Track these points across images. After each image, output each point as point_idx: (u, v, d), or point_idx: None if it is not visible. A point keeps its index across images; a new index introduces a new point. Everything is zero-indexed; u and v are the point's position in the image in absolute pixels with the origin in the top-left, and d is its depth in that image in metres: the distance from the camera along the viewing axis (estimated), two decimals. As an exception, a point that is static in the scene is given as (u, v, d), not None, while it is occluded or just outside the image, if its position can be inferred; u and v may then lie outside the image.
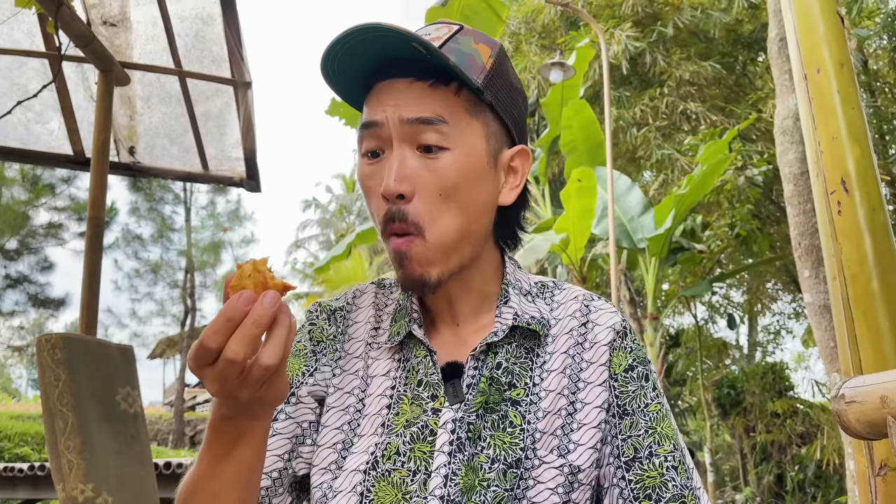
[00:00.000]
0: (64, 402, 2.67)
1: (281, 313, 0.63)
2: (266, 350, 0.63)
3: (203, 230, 15.16)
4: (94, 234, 3.03)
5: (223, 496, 0.78)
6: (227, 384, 0.65)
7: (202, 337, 0.63)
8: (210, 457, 0.76)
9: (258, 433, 0.75)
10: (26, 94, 3.31)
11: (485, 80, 0.80)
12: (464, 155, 0.80)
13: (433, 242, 0.80)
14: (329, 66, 0.81)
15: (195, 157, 3.68)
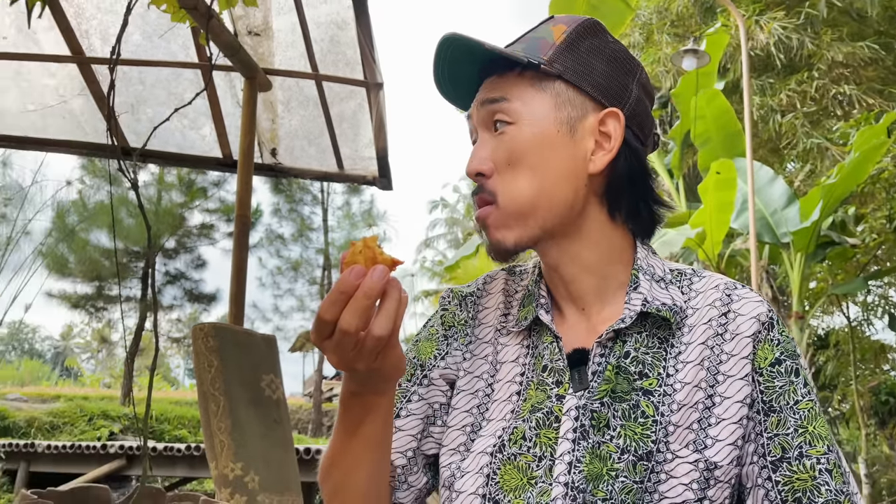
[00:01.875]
0: (216, 387, 2.89)
1: (390, 287, 0.66)
2: (377, 321, 0.66)
3: (339, 229, 15.84)
4: (240, 231, 3.25)
5: (355, 470, 0.82)
6: (344, 355, 0.68)
7: (319, 310, 0.67)
8: (342, 432, 0.80)
9: (382, 408, 0.78)
10: (182, 102, 3.60)
11: (553, 54, 0.85)
12: (528, 125, 0.83)
13: (505, 207, 0.83)
14: (441, 84, 0.90)
15: (331, 157, 3.86)
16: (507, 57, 0.85)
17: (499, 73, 0.86)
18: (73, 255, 11.58)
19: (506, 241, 0.85)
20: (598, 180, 0.86)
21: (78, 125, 3.58)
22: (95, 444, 6.04)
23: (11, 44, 3.25)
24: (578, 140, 0.85)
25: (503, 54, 0.84)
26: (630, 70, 0.89)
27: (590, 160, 0.85)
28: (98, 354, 33.64)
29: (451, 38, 0.84)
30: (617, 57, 0.88)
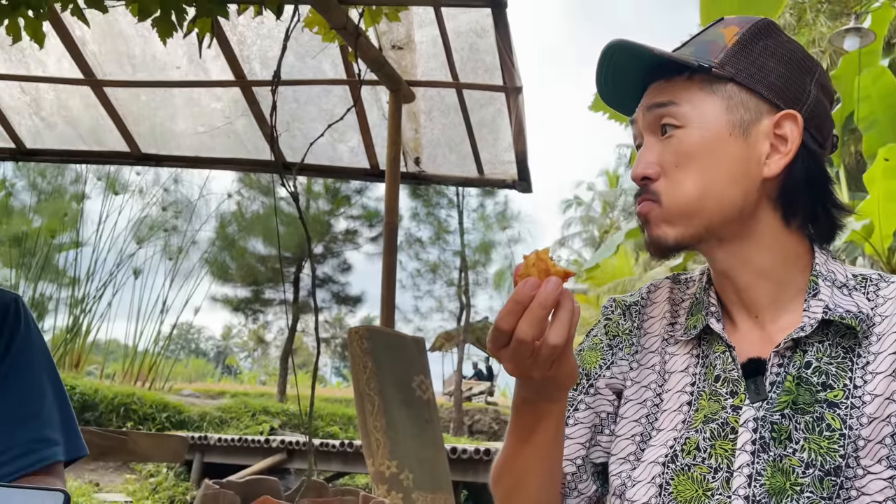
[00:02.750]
0: (371, 387, 3.03)
1: (563, 297, 0.68)
2: (553, 330, 0.69)
3: (474, 231, 16.03)
4: (389, 238, 3.39)
5: (527, 475, 0.84)
6: (520, 363, 0.71)
7: (497, 320, 0.70)
8: (514, 439, 0.83)
9: (554, 416, 0.80)
10: (332, 117, 3.80)
11: (724, 57, 0.83)
12: (698, 128, 0.82)
13: (668, 205, 0.83)
14: (606, 90, 0.90)
15: (471, 162, 3.93)
16: (675, 61, 0.84)
17: (666, 77, 0.86)
18: (233, 262, 12.55)
19: (667, 237, 0.84)
20: (772, 184, 0.84)
21: (241, 144, 3.89)
22: (259, 438, 6.51)
23: (184, 73, 3.58)
24: (752, 143, 0.83)
25: (672, 59, 0.84)
26: (807, 69, 0.86)
27: (764, 164, 0.83)
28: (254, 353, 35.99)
29: (616, 45, 0.85)
30: (793, 57, 0.86)
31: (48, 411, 1.03)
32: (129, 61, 3.53)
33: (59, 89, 3.70)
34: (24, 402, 1.02)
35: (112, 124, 3.77)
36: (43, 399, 1.04)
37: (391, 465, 2.91)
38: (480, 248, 15.51)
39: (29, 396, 1.03)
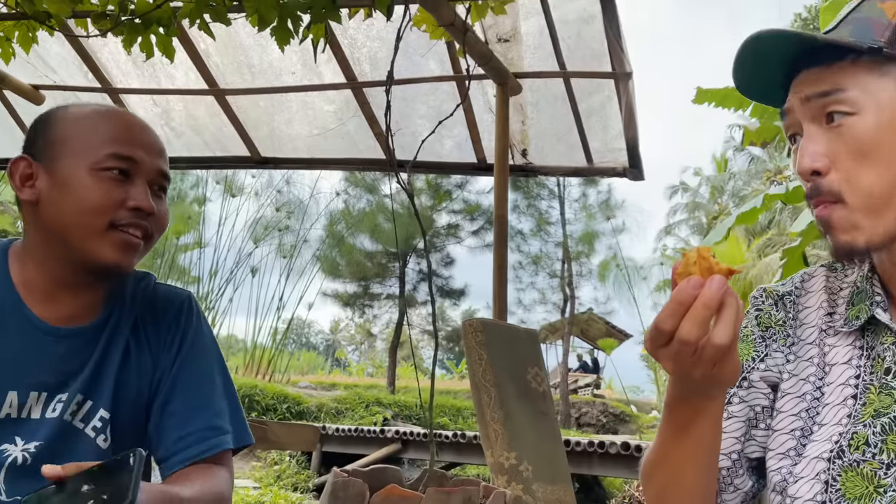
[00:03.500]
0: (487, 379, 3.06)
1: (728, 296, 0.66)
2: (718, 330, 0.66)
3: (576, 222, 15.80)
4: (499, 231, 3.41)
5: (682, 471, 0.83)
6: (681, 363, 0.69)
7: (657, 320, 0.69)
8: (667, 434, 0.81)
9: (712, 412, 0.78)
10: (439, 113, 3.85)
11: (892, 34, 0.79)
12: (874, 113, 0.78)
13: (855, 205, 0.78)
14: (747, 83, 0.87)
15: (580, 152, 3.88)
16: (835, 45, 0.80)
17: (823, 63, 0.82)
18: (342, 259, 12.98)
19: (856, 242, 0.79)
20: None
21: (353, 144, 4.00)
22: (375, 428, 6.71)
23: (298, 78, 3.73)
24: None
25: (833, 42, 0.80)
26: None
27: None
28: (361, 346, 36.97)
29: (761, 34, 0.81)
30: None
31: (218, 402, 1.09)
32: (249, 70, 3.71)
33: (186, 100, 3.94)
34: (197, 394, 1.08)
35: (234, 130, 3.98)
36: (213, 390, 1.10)
37: (510, 457, 2.93)
38: (584, 239, 15.28)
39: (201, 388, 1.09)
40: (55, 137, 1.02)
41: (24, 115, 4.19)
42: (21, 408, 0.98)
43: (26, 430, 0.98)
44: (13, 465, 0.96)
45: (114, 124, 1.03)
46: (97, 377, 1.03)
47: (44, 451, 0.98)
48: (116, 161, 0.99)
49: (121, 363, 1.05)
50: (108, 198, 0.98)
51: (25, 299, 1.01)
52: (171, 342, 1.09)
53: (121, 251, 0.99)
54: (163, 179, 1.06)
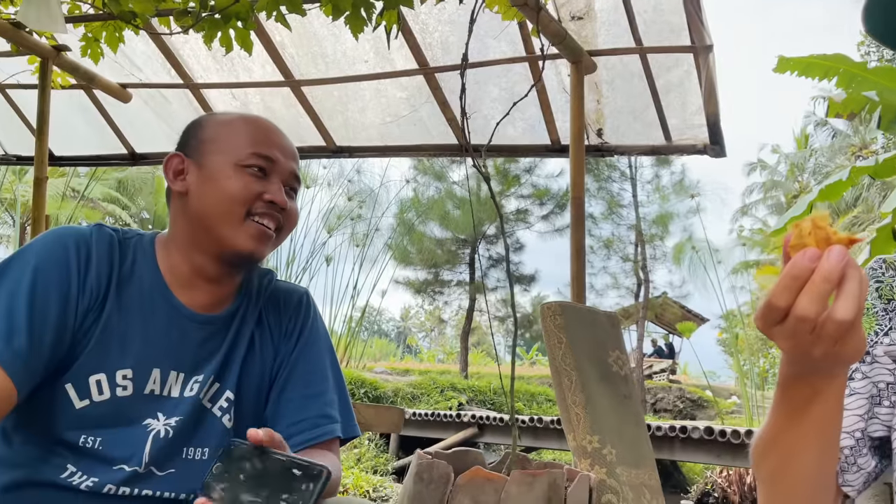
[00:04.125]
0: (567, 362, 3.03)
1: (850, 267, 0.61)
2: (840, 304, 0.62)
3: (649, 203, 15.42)
4: (576, 212, 3.36)
5: (798, 452, 0.78)
6: (799, 341, 0.65)
7: (769, 296, 0.64)
8: (782, 415, 0.76)
9: (833, 391, 0.73)
10: (512, 96, 3.81)
11: None
12: None
13: None
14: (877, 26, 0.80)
15: (657, 130, 3.78)
16: None
17: None
18: (412, 246, 13.09)
19: None
20: None
21: (426, 130, 4.02)
22: (451, 412, 6.77)
23: (371, 66, 3.76)
24: None
25: None
26: None
27: None
28: (431, 333, 37.24)
29: None
30: None
31: (330, 393, 1.16)
32: (323, 60, 3.76)
33: (263, 92, 4.04)
34: (311, 384, 1.15)
35: (309, 121, 4.05)
36: (326, 381, 1.16)
37: (593, 440, 2.90)
38: (657, 221, 14.90)
39: (314, 378, 1.16)
40: (206, 137, 1.13)
41: (114, 114, 4.38)
42: (163, 386, 1.06)
43: (167, 407, 1.06)
44: (157, 437, 1.04)
45: (256, 128, 1.14)
46: (227, 362, 1.11)
47: (182, 427, 1.07)
48: (257, 159, 1.09)
49: (246, 350, 1.13)
50: (248, 189, 1.07)
51: (170, 286, 1.10)
52: (290, 333, 1.17)
53: (255, 240, 1.08)
54: (295, 181, 1.15)
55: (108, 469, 1.02)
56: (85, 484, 1.01)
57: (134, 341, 1.05)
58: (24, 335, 0.94)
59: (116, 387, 1.03)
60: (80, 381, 1.01)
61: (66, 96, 4.21)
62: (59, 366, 1.01)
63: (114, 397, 1.02)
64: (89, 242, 1.05)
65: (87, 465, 1.02)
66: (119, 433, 1.03)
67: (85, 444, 1.01)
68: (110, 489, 1.02)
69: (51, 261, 1.01)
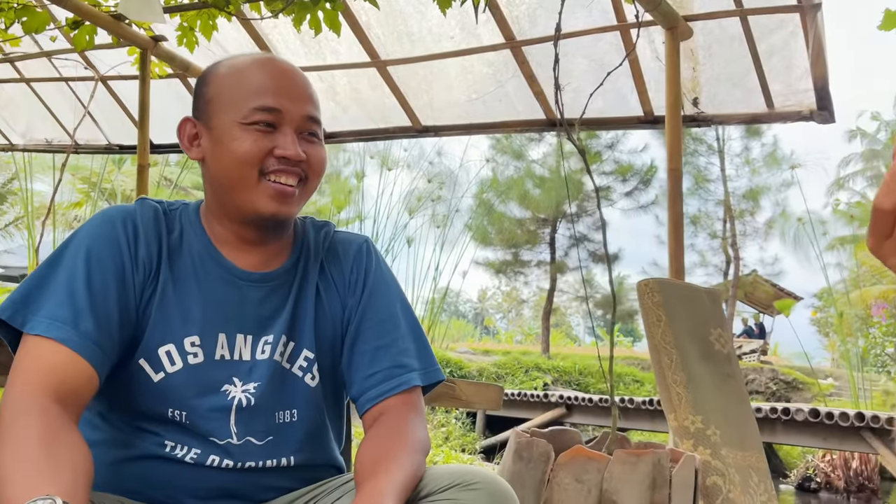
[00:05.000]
0: (667, 340, 2.93)
1: None
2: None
3: (738, 178, 14.82)
4: (674, 185, 3.22)
5: None
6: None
7: (875, 201, 0.56)
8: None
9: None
10: (601, 67, 3.69)
11: None
12: None
13: None
14: None
15: (759, 96, 3.58)
16: None
17: None
18: (492, 227, 13.05)
19: None
20: None
21: (512, 105, 3.95)
22: (538, 392, 6.72)
23: (457, 43, 3.71)
24: None
25: None
26: None
27: None
28: (509, 314, 37.20)
29: None
30: None
31: (403, 340, 1.10)
32: (408, 38, 3.74)
33: (350, 74, 4.06)
34: (382, 333, 1.10)
35: (395, 101, 4.05)
36: (398, 329, 1.11)
37: (696, 420, 2.80)
38: (747, 196, 14.31)
39: (386, 328, 1.10)
40: (209, 96, 1.06)
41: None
42: (232, 350, 1.03)
43: (241, 372, 1.03)
44: (240, 406, 1.02)
45: (258, 77, 1.04)
46: (296, 319, 1.07)
47: (264, 391, 1.03)
48: (261, 114, 1.01)
49: (315, 306, 1.09)
50: (256, 148, 1.00)
51: (220, 249, 1.07)
52: (354, 284, 1.12)
53: (276, 200, 1.01)
54: (311, 124, 1.05)
55: (205, 441, 1.01)
56: (189, 457, 1.01)
57: (193, 308, 1.03)
58: (89, 318, 0.93)
59: (187, 355, 1.01)
60: (152, 355, 1.00)
61: (164, 85, 4.36)
62: (132, 343, 1.00)
63: (186, 365, 1.01)
64: (135, 217, 1.03)
65: (183, 438, 1.01)
66: (201, 404, 1.01)
67: (174, 418, 1.01)
68: (213, 461, 1.01)
69: (101, 241, 0.99)
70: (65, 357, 0.90)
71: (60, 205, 14.95)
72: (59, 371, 0.89)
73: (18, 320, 0.92)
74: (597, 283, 15.70)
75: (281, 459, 1.06)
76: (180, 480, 1.01)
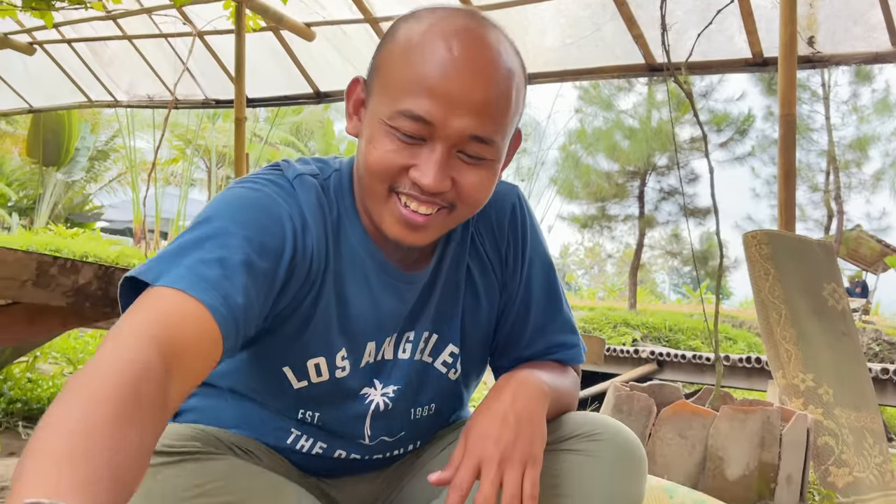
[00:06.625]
0: (775, 295, 2.79)
1: None
2: None
3: (843, 126, 13.88)
4: (786, 132, 3.02)
5: None
6: None
7: None
8: None
9: None
10: (707, 6, 3.48)
11: None
12: None
13: None
14: None
15: (882, 33, 3.30)
16: None
17: None
18: (578, 181, 12.75)
19: None
20: None
21: (609, 50, 3.79)
22: (628, 348, 6.62)
23: (553, -15, 3.58)
24: None
25: None
26: None
27: None
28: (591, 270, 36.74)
29: None
30: None
31: (564, 315, 1.02)
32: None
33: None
34: (543, 311, 1.01)
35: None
36: (558, 302, 1.02)
37: (806, 378, 2.66)
38: (854, 145, 13.41)
39: (549, 307, 1.01)
40: (378, 63, 0.83)
41: (299, 54, 4.55)
42: (377, 354, 0.93)
43: (382, 373, 0.94)
44: (377, 411, 0.95)
45: (423, 63, 0.77)
46: (443, 313, 0.95)
47: (403, 393, 0.96)
48: (406, 122, 0.77)
49: (465, 290, 0.96)
50: (388, 160, 0.79)
51: (376, 242, 0.90)
52: (514, 261, 0.98)
53: (402, 226, 0.81)
54: (474, 144, 0.79)
55: (334, 438, 0.95)
56: (314, 451, 0.96)
57: (351, 318, 0.89)
58: (238, 290, 0.72)
59: (336, 369, 0.90)
60: (298, 365, 0.89)
61: (257, 39, 4.42)
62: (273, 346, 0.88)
63: (332, 378, 0.91)
64: (301, 207, 0.84)
65: (311, 433, 0.95)
66: (339, 410, 0.93)
67: (304, 419, 0.94)
68: (340, 455, 0.97)
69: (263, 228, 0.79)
70: (195, 312, 0.68)
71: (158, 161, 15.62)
72: (182, 326, 0.66)
73: (150, 276, 0.71)
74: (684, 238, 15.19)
75: (409, 446, 1.02)
76: (295, 458, 0.97)
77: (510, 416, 0.84)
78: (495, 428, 0.83)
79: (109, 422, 0.53)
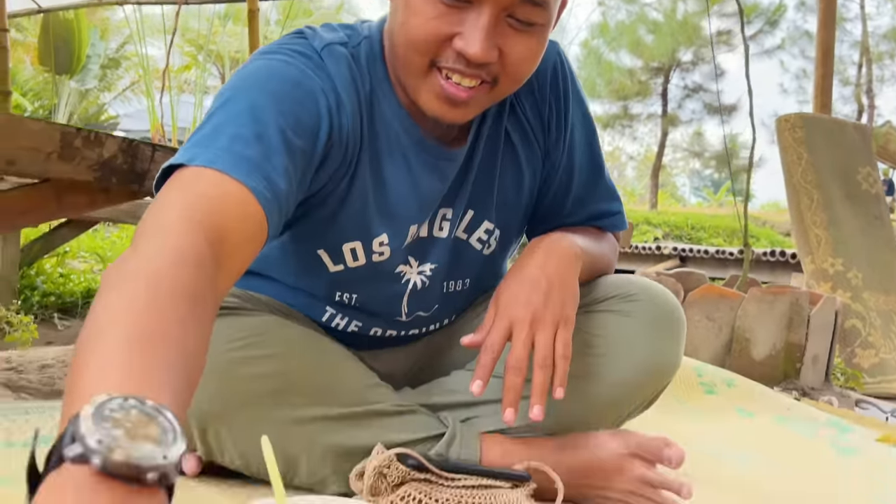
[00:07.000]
0: (807, 179, 2.71)
1: None
2: None
3: (879, 16, 13.25)
4: (827, 7, 2.87)
5: None
6: None
7: None
8: None
9: None
10: None
11: None
12: None
13: None
14: None
15: None
16: None
17: None
18: (600, 78, 12.38)
19: None
20: None
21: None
22: (650, 245, 6.61)
23: None
24: None
25: None
26: None
27: None
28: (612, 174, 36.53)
29: None
30: None
31: (606, 182, 1.00)
32: None
33: None
34: (585, 182, 0.98)
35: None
36: (599, 169, 1.00)
37: (835, 263, 2.63)
38: (889, 36, 12.84)
39: (592, 171, 0.99)
40: None
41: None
42: (416, 234, 0.90)
43: (418, 251, 0.91)
44: (414, 290, 0.93)
45: None
46: (481, 188, 0.91)
47: (438, 271, 0.94)
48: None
49: (505, 161, 0.92)
50: (429, 29, 0.73)
51: (413, 115, 0.85)
52: (552, 126, 0.93)
53: (442, 102, 0.76)
54: (525, 6, 0.73)
55: (370, 317, 0.95)
56: (349, 329, 0.95)
57: (390, 200, 0.85)
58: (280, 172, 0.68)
59: (373, 253, 0.88)
60: (335, 249, 0.87)
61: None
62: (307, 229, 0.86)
63: (369, 262, 0.88)
64: (334, 81, 0.78)
65: (347, 312, 0.94)
66: (376, 292, 0.92)
67: (341, 300, 0.92)
68: (376, 332, 0.96)
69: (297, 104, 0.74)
70: (237, 195, 0.64)
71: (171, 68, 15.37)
72: (225, 211, 0.62)
73: (185, 158, 0.66)
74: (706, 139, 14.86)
75: (444, 320, 1.01)
76: (330, 335, 0.95)
77: (541, 279, 0.82)
78: (525, 290, 0.82)
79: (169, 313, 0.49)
